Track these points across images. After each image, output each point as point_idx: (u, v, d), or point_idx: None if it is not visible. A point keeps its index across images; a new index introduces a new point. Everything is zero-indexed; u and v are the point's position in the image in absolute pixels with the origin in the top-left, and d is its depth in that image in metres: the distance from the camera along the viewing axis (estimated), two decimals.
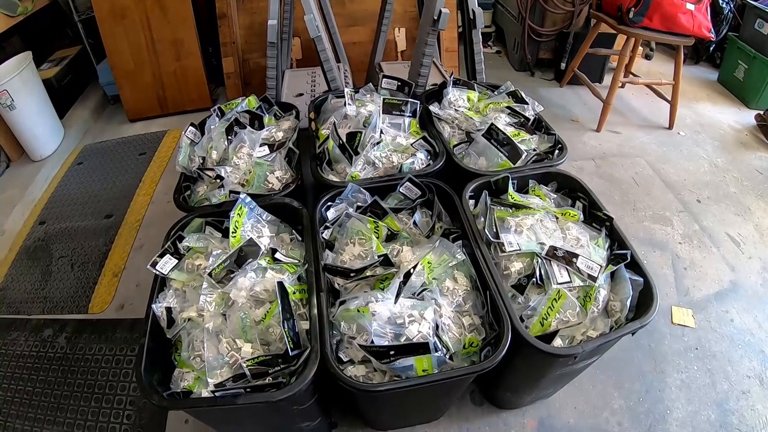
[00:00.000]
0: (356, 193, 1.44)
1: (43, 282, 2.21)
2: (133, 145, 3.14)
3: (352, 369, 1.14)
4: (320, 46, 1.90)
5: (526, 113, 1.77)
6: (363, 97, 1.86)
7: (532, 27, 3.65)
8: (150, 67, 3.23)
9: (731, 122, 3.28)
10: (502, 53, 4.28)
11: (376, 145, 1.60)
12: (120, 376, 1.78)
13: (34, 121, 2.85)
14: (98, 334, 1.94)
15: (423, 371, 1.07)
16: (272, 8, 1.94)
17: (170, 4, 3.07)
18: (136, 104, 3.37)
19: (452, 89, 1.88)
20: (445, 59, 3.13)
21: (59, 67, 3.34)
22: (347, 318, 1.15)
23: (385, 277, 1.22)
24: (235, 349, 1.11)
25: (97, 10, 3.05)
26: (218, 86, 3.60)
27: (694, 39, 2.78)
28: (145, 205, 2.61)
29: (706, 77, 3.88)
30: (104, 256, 2.31)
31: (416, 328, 1.11)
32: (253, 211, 1.36)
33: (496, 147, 1.58)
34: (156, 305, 1.21)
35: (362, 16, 3.20)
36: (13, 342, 1.96)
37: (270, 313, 1.14)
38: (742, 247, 2.27)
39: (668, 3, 2.62)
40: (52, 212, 2.63)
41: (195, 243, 1.32)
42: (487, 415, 1.62)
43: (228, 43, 3.13)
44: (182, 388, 1.12)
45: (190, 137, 1.74)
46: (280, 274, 1.24)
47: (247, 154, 1.62)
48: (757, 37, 3.32)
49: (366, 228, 1.34)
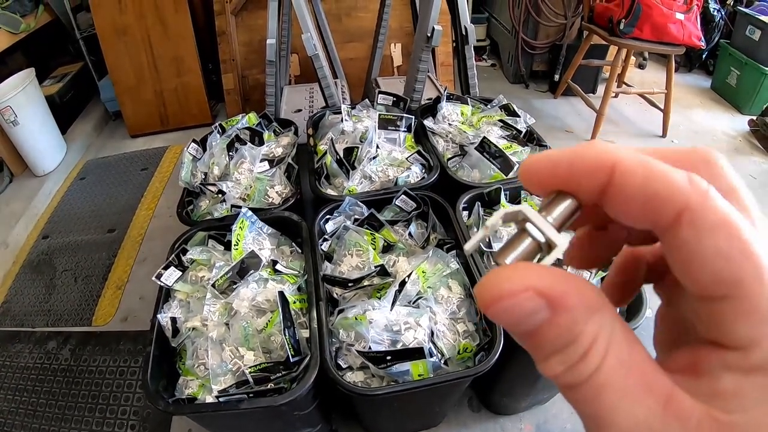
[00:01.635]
0: (353, 207, 1.48)
1: (47, 295, 2.25)
2: (135, 161, 3.19)
3: (350, 375, 1.18)
4: (318, 64, 1.95)
5: (518, 126, 1.81)
6: (359, 112, 1.91)
7: (525, 40, 3.71)
8: (151, 83, 3.29)
9: (725, 128, 3.32)
10: (497, 66, 4.33)
11: (373, 160, 1.65)
12: (124, 387, 1.81)
13: (37, 136, 2.90)
14: (102, 346, 1.97)
15: (419, 376, 1.11)
16: (271, 28, 1.99)
17: (171, 21, 3.13)
18: (137, 120, 3.42)
19: (446, 104, 1.92)
20: (441, 74, 3.19)
21: (61, 83, 3.39)
22: (346, 326, 1.19)
23: (382, 287, 1.26)
24: (237, 357, 1.15)
25: (98, 28, 3.10)
26: (218, 102, 3.65)
27: (684, 48, 2.83)
28: (147, 219, 2.65)
29: (699, 84, 3.92)
30: (107, 270, 2.35)
31: (412, 335, 1.16)
32: (255, 224, 1.41)
33: (489, 159, 1.63)
34: (161, 315, 1.25)
35: (358, 33, 3.26)
36: (18, 354, 1.99)
37: (271, 322, 1.18)
38: None
39: (658, 13, 2.68)
40: (56, 226, 2.67)
41: (198, 255, 1.37)
42: (485, 421, 1.65)
43: (227, 59, 3.19)
44: (187, 395, 1.16)
45: (192, 153, 1.78)
46: (281, 284, 1.28)
47: (248, 170, 1.67)
48: (748, 43, 3.38)
49: (363, 240, 1.38)
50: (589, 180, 0.21)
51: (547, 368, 0.21)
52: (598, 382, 0.19)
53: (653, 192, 0.19)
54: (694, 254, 0.19)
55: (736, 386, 0.19)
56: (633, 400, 0.19)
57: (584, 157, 0.21)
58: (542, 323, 0.20)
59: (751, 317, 0.18)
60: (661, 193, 0.19)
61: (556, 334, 0.20)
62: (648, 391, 0.19)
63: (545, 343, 0.20)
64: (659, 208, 0.19)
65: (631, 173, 0.20)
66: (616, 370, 0.19)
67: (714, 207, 0.19)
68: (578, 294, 0.20)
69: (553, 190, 0.23)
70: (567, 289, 0.20)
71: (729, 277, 0.18)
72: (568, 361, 0.20)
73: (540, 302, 0.20)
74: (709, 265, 0.18)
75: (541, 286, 0.20)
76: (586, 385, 0.20)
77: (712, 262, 0.18)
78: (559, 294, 0.20)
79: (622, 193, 0.20)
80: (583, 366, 0.20)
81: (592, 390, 0.20)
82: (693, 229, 0.19)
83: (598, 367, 0.19)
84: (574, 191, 0.22)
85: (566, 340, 0.20)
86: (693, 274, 0.19)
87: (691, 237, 0.19)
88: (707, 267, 0.19)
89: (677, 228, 0.19)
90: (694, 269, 0.19)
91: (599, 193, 0.21)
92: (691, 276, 0.19)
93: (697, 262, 0.19)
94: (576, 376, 0.20)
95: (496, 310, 0.20)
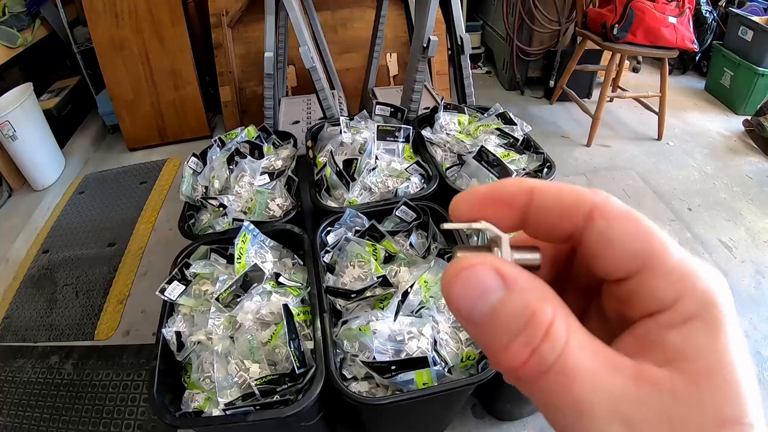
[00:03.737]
0: (354, 218, 1.49)
1: (49, 309, 2.25)
2: (134, 174, 3.19)
3: (355, 385, 1.19)
4: (315, 76, 1.97)
5: (515, 134, 1.83)
6: (358, 124, 1.92)
7: (520, 47, 3.74)
8: (149, 97, 3.30)
9: (720, 129, 3.35)
10: (492, 73, 4.35)
11: (372, 171, 1.66)
12: (127, 401, 1.81)
13: (35, 151, 2.90)
14: (105, 360, 1.97)
15: (423, 384, 1.12)
16: (268, 41, 2.01)
17: (168, 35, 3.15)
18: (135, 133, 3.43)
19: (443, 113, 1.94)
20: (437, 82, 3.21)
21: (59, 97, 3.40)
22: (349, 336, 1.20)
23: (385, 297, 1.27)
24: (243, 370, 1.16)
25: (95, 42, 3.12)
26: (216, 114, 3.66)
27: (678, 51, 2.86)
28: (147, 233, 2.65)
29: (693, 86, 3.96)
30: (109, 284, 2.35)
31: (415, 344, 1.17)
32: (257, 237, 1.42)
33: (487, 168, 1.64)
34: (166, 329, 1.26)
35: (354, 43, 3.28)
36: (20, 369, 1.98)
37: (276, 334, 1.20)
38: (734, 251, 2.32)
39: (651, 18, 2.71)
40: (56, 241, 2.67)
41: (201, 269, 1.38)
42: (489, 427, 1.66)
43: (225, 72, 3.21)
44: (193, 408, 1.17)
45: (193, 167, 1.80)
46: (285, 297, 1.29)
47: (249, 183, 1.68)
48: (741, 44, 3.41)
49: (365, 251, 1.40)
50: (513, 203, 0.25)
51: (509, 356, 0.21)
52: (567, 365, 0.20)
53: (566, 201, 0.24)
54: (610, 240, 0.22)
55: (683, 339, 0.21)
56: (606, 380, 0.20)
57: (506, 186, 0.25)
58: (498, 303, 0.21)
59: (668, 277, 0.21)
60: (573, 200, 0.23)
61: (513, 313, 0.21)
62: (617, 371, 0.20)
63: (502, 325, 0.21)
64: (574, 212, 0.23)
65: (546, 192, 0.24)
66: (583, 351, 0.20)
67: (616, 203, 0.23)
68: (530, 280, 0.22)
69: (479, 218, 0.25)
70: (519, 274, 0.22)
71: (643, 251, 0.22)
72: (531, 341, 0.20)
73: (496, 278, 0.21)
74: (624, 245, 0.22)
75: (497, 264, 0.22)
76: (555, 370, 0.20)
77: (626, 243, 0.22)
78: (513, 275, 0.22)
79: (541, 207, 0.24)
80: (547, 347, 0.20)
81: (563, 375, 0.20)
82: (604, 219, 0.23)
83: (564, 349, 0.20)
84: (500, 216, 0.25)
85: (524, 319, 0.21)
86: (612, 257, 0.22)
87: (604, 226, 0.22)
88: (623, 247, 0.22)
89: (591, 222, 0.23)
90: (612, 253, 0.22)
91: (522, 213, 0.25)
92: (611, 259, 0.23)
93: (613, 247, 0.22)
94: (543, 361, 0.20)
95: (456, 286, 0.22)
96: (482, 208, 0.25)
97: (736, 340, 0.21)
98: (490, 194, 0.25)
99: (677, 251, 0.22)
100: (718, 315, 0.21)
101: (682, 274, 0.21)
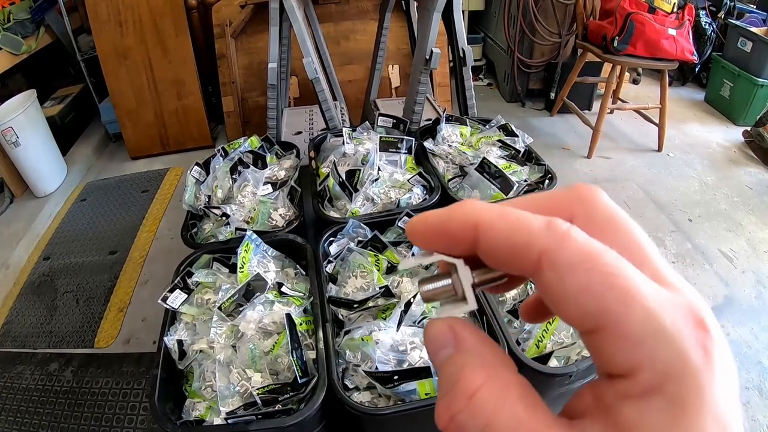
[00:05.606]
0: (357, 229, 1.50)
1: (49, 316, 2.25)
2: (136, 183, 3.21)
3: (358, 395, 1.19)
4: (318, 88, 1.98)
5: (517, 145, 1.84)
6: (360, 135, 1.93)
7: (521, 59, 3.76)
8: (152, 106, 3.33)
9: (720, 140, 3.37)
10: (494, 85, 4.38)
11: (375, 182, 1.67)
12: (127, 410, 1.80)
13: (38, 157, 2.92)
14: (105, 367, 1.97)
15: (426, 394, 1.12)
16: (272, 52, 2.03)
17: (171, 45, 3.18)
18: (138, 142, 3.45)
19: (445, 125, 1.95)
20: (438, 94, 3.23)
21: (62, 104, 3.43)
22: (352, 347, 1.21)
23: (387, 307, 1.27)
24: (245, 379, 1.16)
25: (99, 51, 3.15)
26: (218, 124, 3.68)
27: (678, 63, 2.89)
28: (149, 241, 2.66)
29: (693, 98, 3.99)
30: (109, 292, 2.35)
31: (418, 354, 1.17)
32: (259, 247, 1.42)
33: (489, 180, 1.65)
34: (168, 338, 1.26)
35: (357, 55, 3.30)
36: (19, 375, 1.98)
37: (278, 343, 1.20)
38: (735, 262, 2.32)
39: (651, 30, 2.74)
40: (57, 248, 2.68)
41: (204, 278, 1.38)
42: None
43: (227, 82, 3.23)
44: (194, 417, 1.16)
45: (196, 176, 1.80)
46: (287, 306, 1.29)
47: (252, 193, 1.68)
48: (740, 55, 3.44)
49: (367, 261, 1.40)
50: (461, 238, 0.23)
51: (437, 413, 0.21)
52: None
53: (513, 243, 0.21)
54: (560, 294, 0.20)
55: (637, 415, 0.18)
56: None
57: (453, 218, 0.23)
58: (445, 360, 0.22)
59: (625, 342, 0.19)
60: (520, 243, 0.21)
61: (447, 373, 0.21)
62: None
63: (442, 381, 0.22)
64: (521, 256, 0.21)
65: (492, 228, 0.22)
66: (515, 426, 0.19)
67: (572, 246, 0.20)
68: (478, 343, 0.22)
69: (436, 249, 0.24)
70: (469, 336, 0.22)
71: (595, 310, 0.19)
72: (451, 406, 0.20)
73: (450, 336, 0.23)
74: (574, 302, 0.19)
75: (455, 326, 0.23)
76: None
77: (576, 299, 0.19)
78: (462, 336, 0.22)
79: (488, 247, 0.22)
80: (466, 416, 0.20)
81: None
82: (553, 270, 0.20)
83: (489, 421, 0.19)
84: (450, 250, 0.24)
85: (451, 384, 0.21)
86: (564, 312, 0.20)
87: (552, 278, 0.20)
88: (574, 304, 0.19)
89: (540, 272, 0.20)
90: (564, 308, 0.20)
91: (470, 248, 0.23)
92: (564, 314, 0.20)
93: (564, 301, 0.20)
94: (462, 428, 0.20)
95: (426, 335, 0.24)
96: (432, 241, 0.24)
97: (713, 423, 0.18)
98: (438, 228, 0.24)
99: (643, 307, 0.19)
100: (683, 392, 0.18)
101: (641, 338, 0.18)
